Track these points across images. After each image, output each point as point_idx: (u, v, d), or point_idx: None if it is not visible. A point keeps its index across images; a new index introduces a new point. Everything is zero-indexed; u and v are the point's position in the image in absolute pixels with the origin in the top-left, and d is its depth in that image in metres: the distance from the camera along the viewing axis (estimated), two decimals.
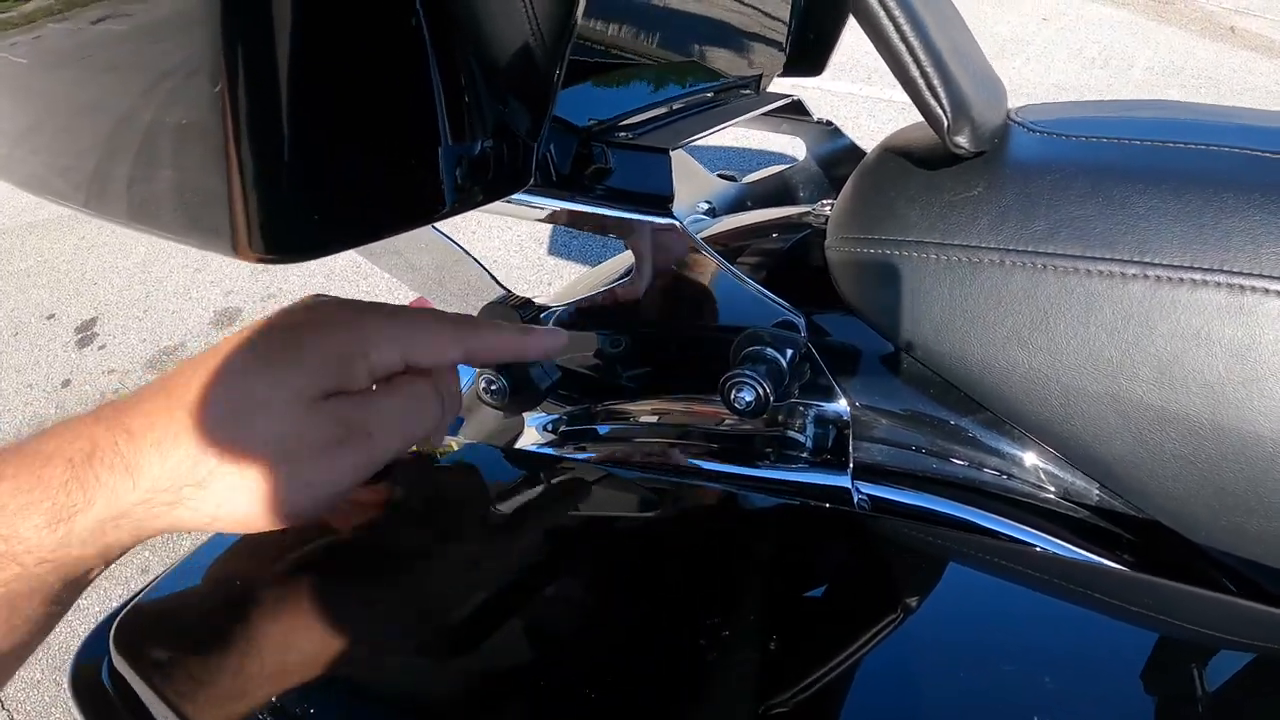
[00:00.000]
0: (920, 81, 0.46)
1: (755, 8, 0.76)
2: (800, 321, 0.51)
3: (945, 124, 0.46)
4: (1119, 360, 0.47)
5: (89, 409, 0.38)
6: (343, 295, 0.43)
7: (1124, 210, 0.47)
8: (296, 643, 0.39)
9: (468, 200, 0.40)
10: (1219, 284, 0.45)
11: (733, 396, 0.47)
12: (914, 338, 0.51)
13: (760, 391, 0.47)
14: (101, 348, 2.38)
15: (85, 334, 2.44)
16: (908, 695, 0.37)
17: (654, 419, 0.62)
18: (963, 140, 0.47)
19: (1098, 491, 0.54)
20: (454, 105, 0.37)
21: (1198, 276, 0.45)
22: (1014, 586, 0.44)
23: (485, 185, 0.40)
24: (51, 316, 2.53)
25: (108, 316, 2.50)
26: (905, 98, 0.49)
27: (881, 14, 0.44)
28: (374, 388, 0.40)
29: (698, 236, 0.53)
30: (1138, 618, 0.42)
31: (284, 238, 0.32)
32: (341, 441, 0.38)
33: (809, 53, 0.84)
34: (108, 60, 0.34)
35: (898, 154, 0.56)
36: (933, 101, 0.46)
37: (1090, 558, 0.51)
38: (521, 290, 0.65)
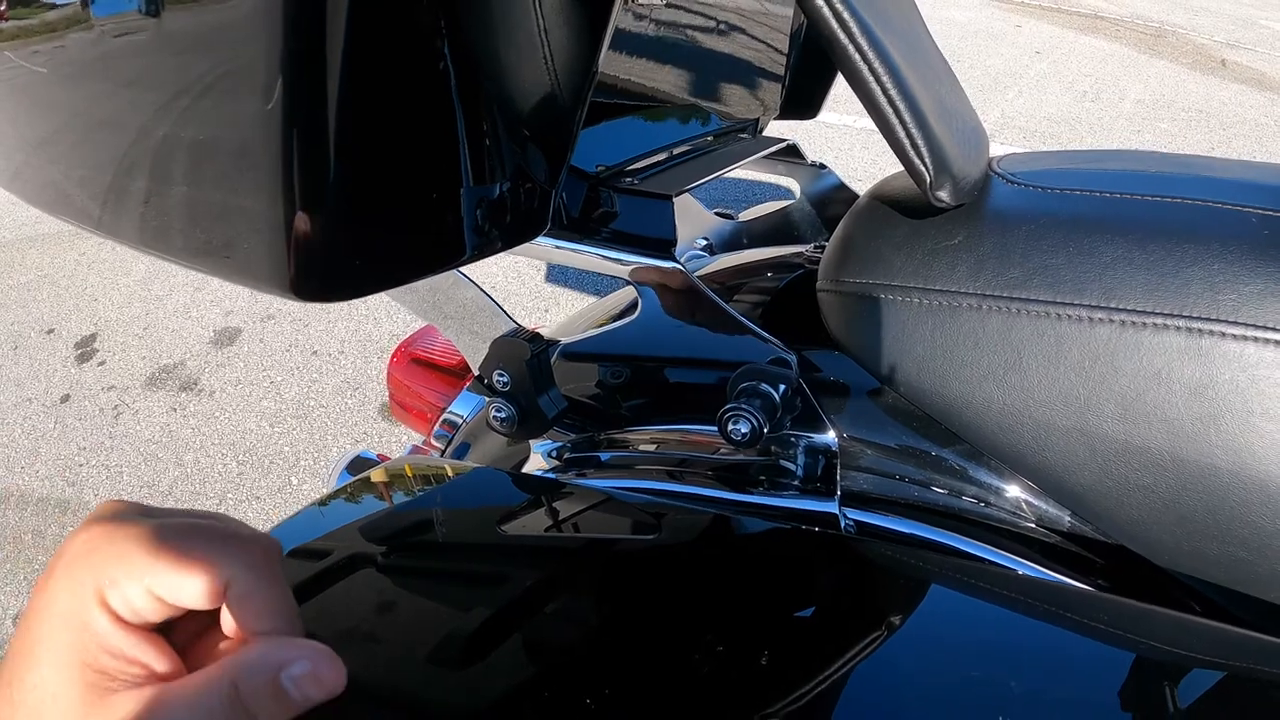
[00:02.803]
0: (905, 142, 0.50)
1: (755, 54, 0.80)
2: (792, 359, 0.54)
3: (928, 180, 0.51)
4: (1086, 397, 0.50)
5: None
6: (346, 316, 0.44)
7: (1092, 259, 0.51)
8: None
9: (488, 247, 0.43)
10: (1179, 328, 0.49)
11: (730, 429, 0.51)
12: (898, 374, 0.55)
13: (755, 424, 0.50)
14: (101, 364, 2.39)
15: (85, 350, 2.45)
16: (892, 714, 0.40)
17: (653, 447, 0.65)
18: (944, 195, 0.51)
19: (1069, 519, 0.57)
20: (478, 153, 0.40)
21: (1159, 320, 0.49)
22: (992, 607, 0.48)
23: (505, 231, 0.43)
24: (51, 331, 2.53)
25: (107, 333, 2.51)
26: None
27: (869, 78, 0.48)
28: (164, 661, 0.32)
29: (696, 276, 0.57)
30: (1109, 636, 0.45)
31: (326, 276, 0.35)
32: None
33: (804, 97, 0.89)
34: (130, 73, 0.36)
35: (885, 202, 0.60)
36: (916, 160, 0.50)
37: (1063, 579, 0.55)
38: (520, 318, 0.68)
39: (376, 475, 0.57)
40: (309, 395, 2.26)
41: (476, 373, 0.65)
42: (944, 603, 0.48)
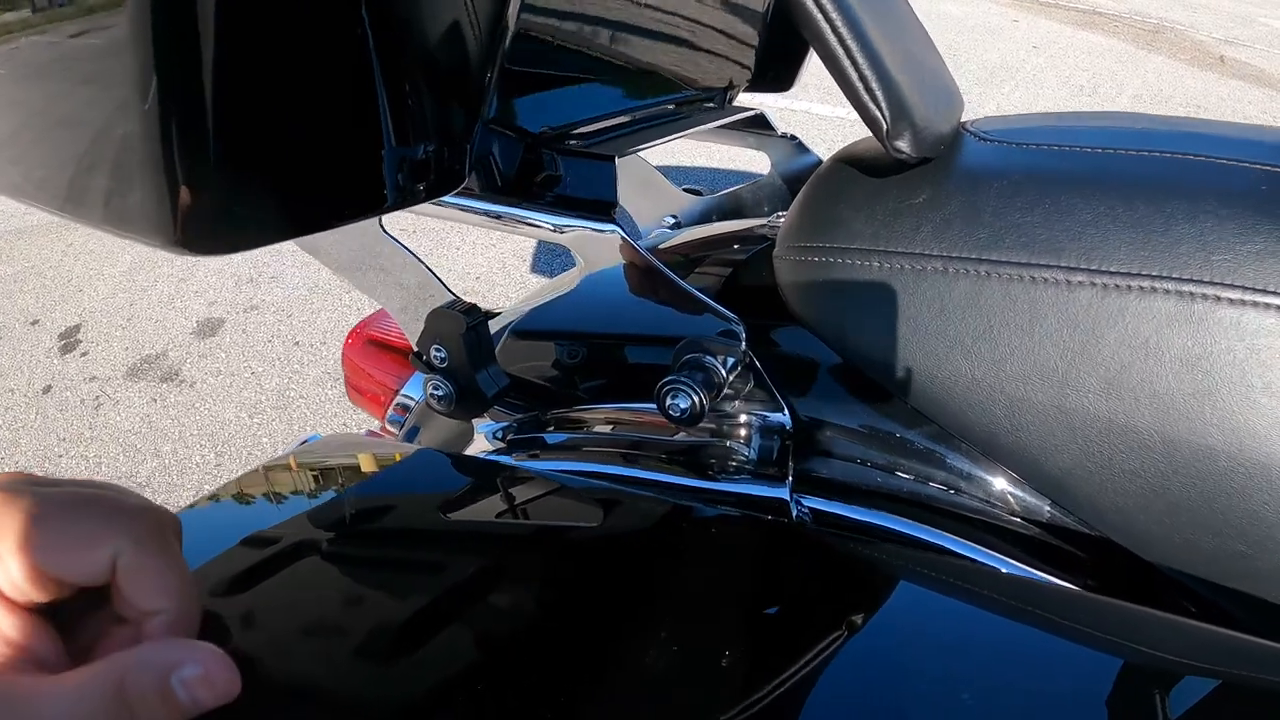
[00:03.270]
0: (858, 84, 0.45)
1: (723, 18, 0.75)
2: (740, 330, 0.49)
3: (884, 127, 0.46)
4: (1065, 370, 0.45)
5: None
6: (330, 306, 0.41)
7: (1070, 217, 0.46)
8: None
9: (401, 199, 0.39)
10: (1168, 291, 0.44)
11: (667, 403, 0.46)
12: (858, 348, 0.50)
13: (695, 399, 0.45)
14: (84, 355, 2.36)
15: (68, 340, 2.42)
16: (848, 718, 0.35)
17: (602, 427, 0.60)
18: (903, 145, 0.46)
19: (1049, 508, 0.52)
20: (389, 98, 0.36)
21: (1146, 284, 0.44)
22: (961, 605, 0.43)
23: (417, 185, 0.40)
24: (36, 322, 2.51)
25: (91, 323, 2.49)
26: None
27: (818, 16, 0.43)
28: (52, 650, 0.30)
29: (654, 248, 0.52)
30: (1092, 640, 0.40)
31: (210, 234, 0.31)
32: None
33: (778, 67, 0.84)
34: (82, 73, 0.33)
35: (848, 163, 0.55)
36: (870, 104, 0.45)
37: (1041, 576, 0.50)
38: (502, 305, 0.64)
39: (291, 460, 0.53)
40: (290, 386, 2.23)
41: (415, 348, 0.61)
42: (907, 600, 0.43)
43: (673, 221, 0.90)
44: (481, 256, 2.70)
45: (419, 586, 0.41)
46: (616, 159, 0.53)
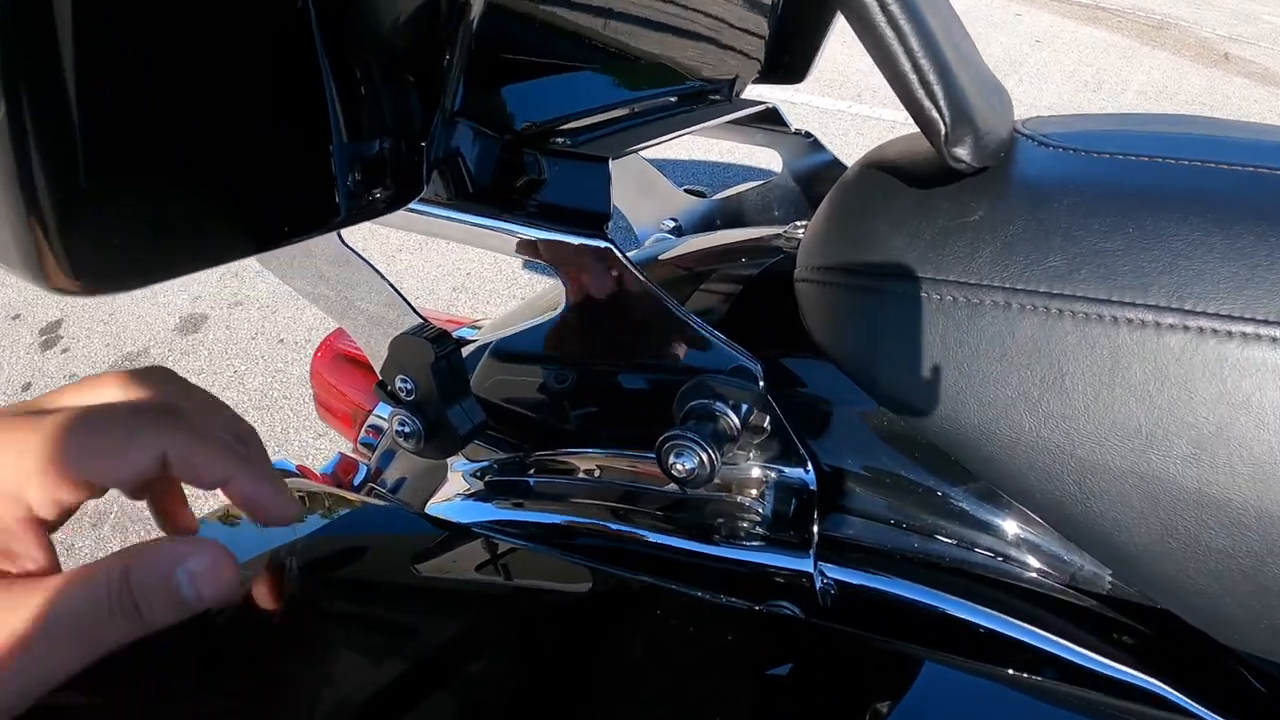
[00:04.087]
0: (913, 78, 0.37)
1: (733, 4, 0.67)
2: (757, 369, 0.41)
3: (943, 131, 0.38)
4: (1150, 430, 0.38)
5: None
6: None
7: (1160, 245, 0.39)
8: None
9: (355, 209, 0.32)
10: (1275, 340, 0.36)
11: (670, 462, 0.38)
12: (896, 392, 0.42)
13: (703, 457, 0.37)
14: (65, 351, 2.31)
15: (49, 336, 2.37)
16: None
17: (592, 474, 0.52)
18: (963, 152, 0.39)
19: (1109, 579, 0.45)
20: (333, 84, 0.29)
21: (1249, 330, 0.36)
22: (1005, 691, 0.35)
23: (370, 192, 0.33)
24: (17, 317, 2.45)
25: (73, 319, 2.43)
26: (899, 116, 0.40)
27: (871, 3, 0.35)
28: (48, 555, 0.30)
29: (641, 254, 0.44)
30: None
31: (96, 268, 0.25)
32: None
33: (790, 56, 0.76)
34: None
35: (883, 169, 0.47)
36: (928, 103, 0.37)
37: (1097, 660, 0.43)
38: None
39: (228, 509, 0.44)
40: (273, 385, 2.18)
41: (380, 377, 0.52)
42: (946, 689, 0.35)
43: (673, 225, 0.82)
44: (474, 252, 2.61)
45: (349, 674, 0.33)
46: (610, 161, 0.45)
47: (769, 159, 0.80)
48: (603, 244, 0.42)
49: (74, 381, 0.34)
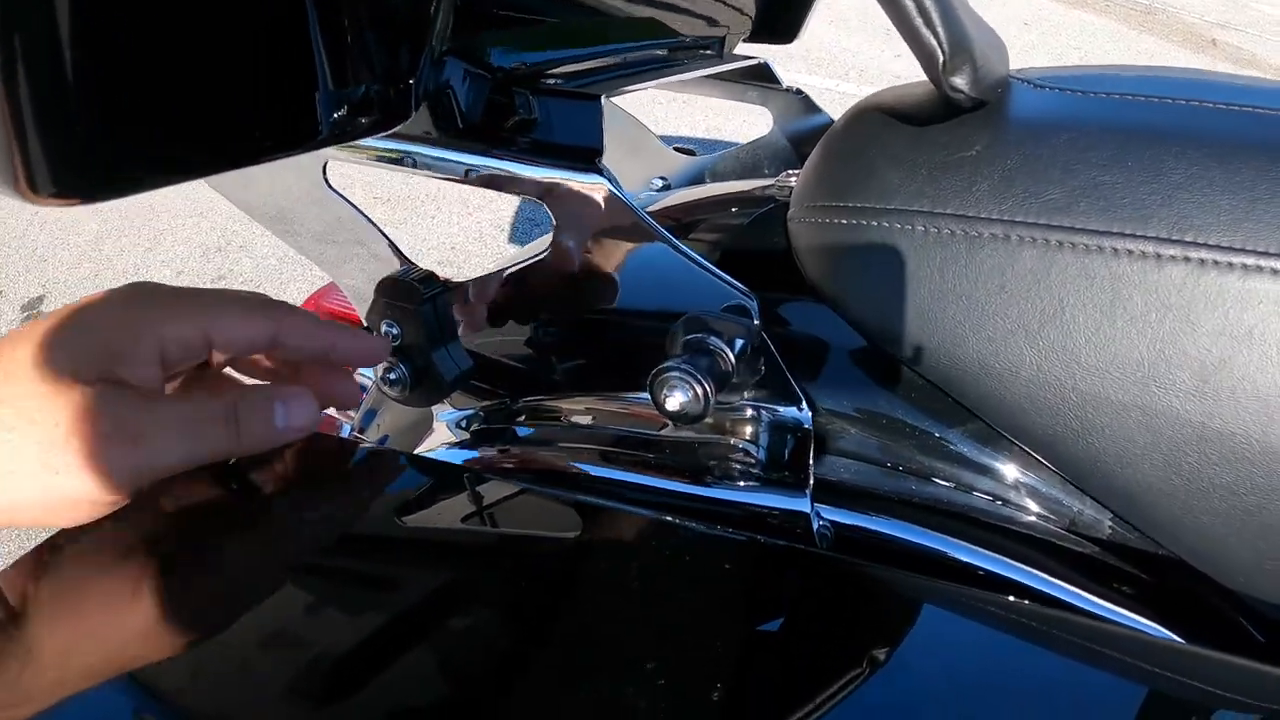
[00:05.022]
0: (911, 6, 0.36)
1: None
2: (753, 305, 0.40)
3: (941, 59, 0.37)
4: (1151, 363, 0.37)
5: None
6: (300, 277, 0.35)
7: (1159, 178, 0.38)
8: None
9: (339, 130, 0.31)
10: (1277, 271, 0.35)
11: (663, 396, 0.37)
12: (893, 329, 0.41)
13: (698, 391, 0.36)
14: None
15: (31, 313, 2.33)
16: None
17: (582, 419, 0.52)
18: (961, 81, 0.38)
19: (1110, 522, 0.44)
20: (311, 25, 0.29)
21: (1250, 261, 0.36)
22: (1001, 637, 0.34)
23: (357, 115, 0.32)
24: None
25: (55, 294, 2.40)
26: None
27: None
28: (165, 389, 0.36)
29: (636, 203, 0.43)
30: (1163, 686, 0.32)
31: (75, 175, 0.25)
32: (105, 437, 0.32)
33: (781, 14, 0.75)
34: None
35: (879, 110, 0.46)
36: (926, 31, 0.36)
37: (1098, 604, 0.42)
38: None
39: None
40: None
41: (364, 323, 0.51)
42: (940, 635, 0.34)
43: (662, 184, 0.80)
44: (458, 225, 2.59)
45: (353, 617, 0.33)
46: (603, 99, 0.44)
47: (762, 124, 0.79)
48: (596, 178, 0.40)
49: None
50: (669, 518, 0.35)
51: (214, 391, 0.37)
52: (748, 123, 3.16)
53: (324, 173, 0.50)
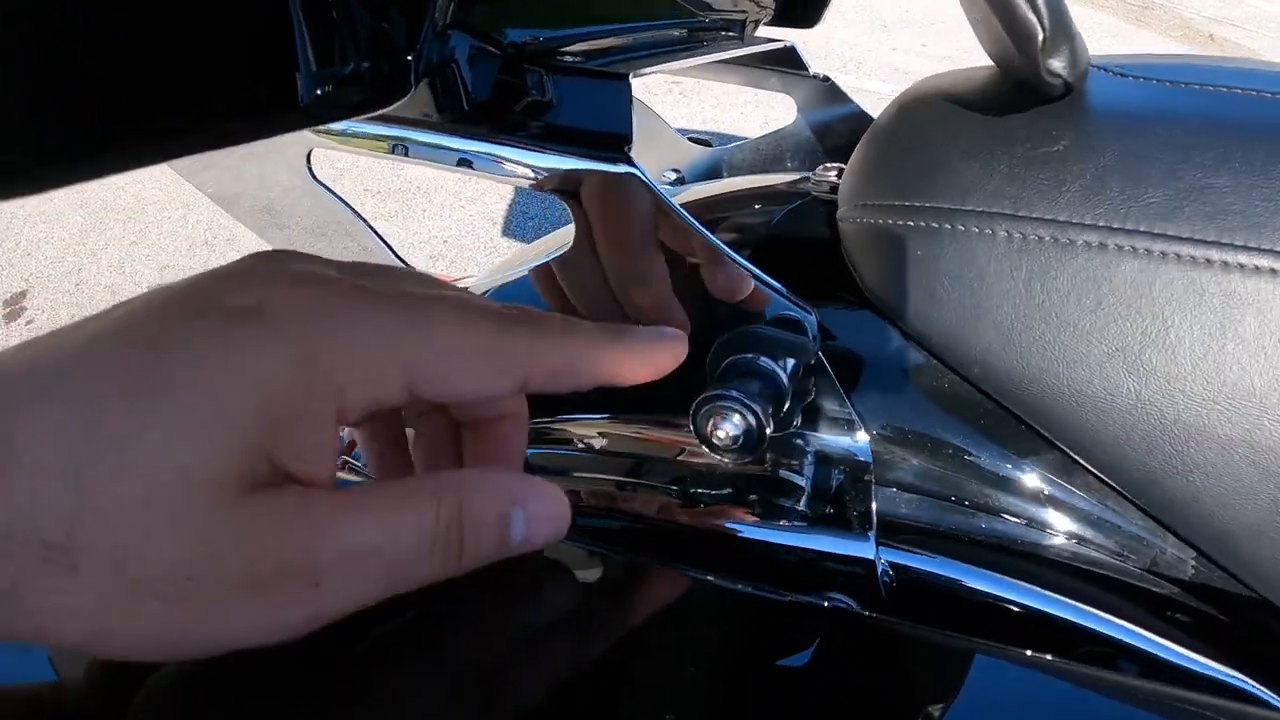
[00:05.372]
0: None
1: None
2: (811, 320, 0.35)
3: (1041, 37, 0.32)
4: (1264, 393, 0.32)
5: None
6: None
7: (1271, 182, 0.33)
8: None
9: (324, 106, 0.26)
10: None
11: (711, 428, 0.32)
12: (965, 347, 0.36)
13: (753, 420, 0.31)
14: (29, 323, 2.25)
15: (13, 308, 2.31)
16: None
17: (604, 442, 0.46)
18: (1058, 64, 0.33)
19: (1194, 562, 0.40)
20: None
21: None
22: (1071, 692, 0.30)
23: (345, 92, 0.27)
24: None
25: (38, 290, 2.38)
26: (886, 88, 0.34)
27: None
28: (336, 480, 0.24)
29: (674, 200, 0.37)
30: None
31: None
32: (260, 587, 0.21)
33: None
34: None
35: (940, 98, 0.41)
36: (1026, 7, 0.31)
37: (1183, 655, 0.37)
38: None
39: None
40: None
41: None
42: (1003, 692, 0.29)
43: (675, 176, 0.75)
44: (450, 219, 2.54)
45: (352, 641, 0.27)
46: (631, 78, 0.38)
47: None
48: (626, 168, 0.35)
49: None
50: (712, 577, 0.29)
51: (424, 483, 0.24)
52: (745, 114, 3.11)
53: (308, 162, 0.45)
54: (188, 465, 0.20)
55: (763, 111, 3.09)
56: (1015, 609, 0.37)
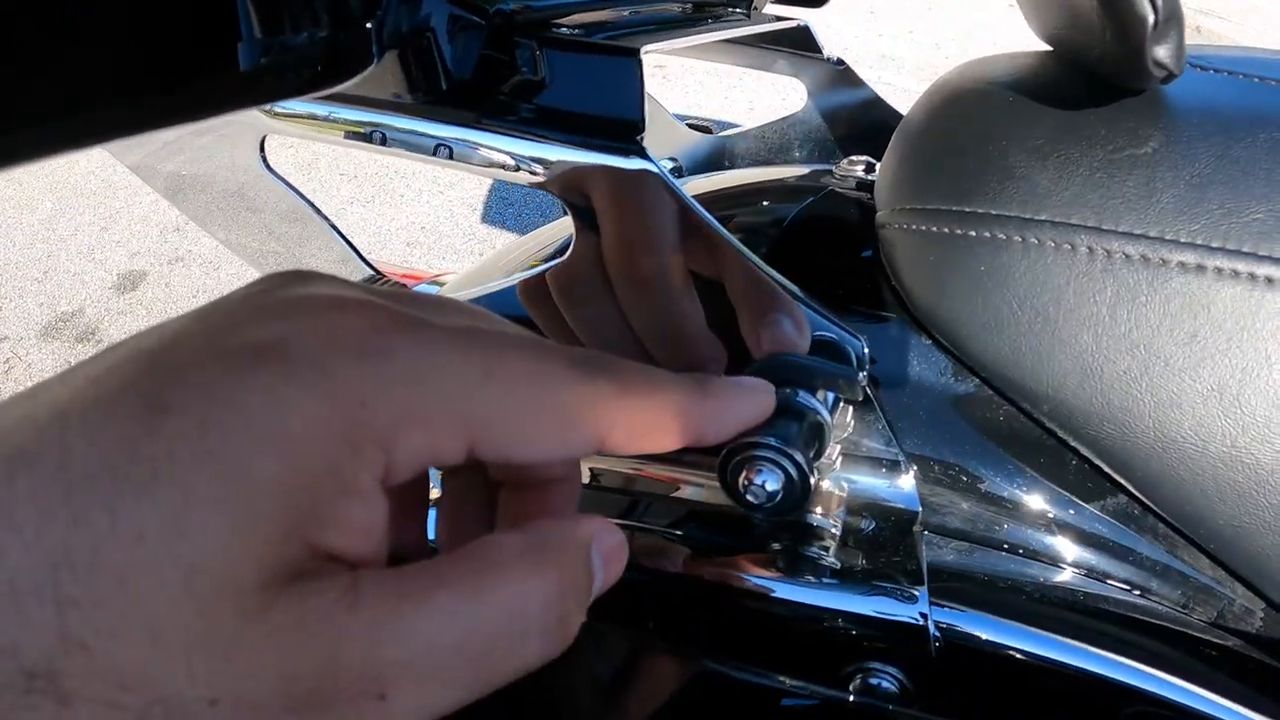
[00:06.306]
0: None
1: None
2: (862, 347, 0.30)
3: (1152, 21, 0.27)
4: None
5: None
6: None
7: None
8: None
9: (273, 84, 0.23)
10: None
11: (743, 482, 0.27)
12: (1035, 381, 0.32)
13: (794, 470, 0.26)
14: None
15: None
16: None
17: (621, 480, 0.41)
18: (1164, 54, 0.28)
19: (1262, 613, 0.35)
20: None
21: None
22: None
23: (287, 71, 0.24)
24: None
25: (6, 277, 2.33)
26: (875, 75, 0.29)
27: None
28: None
29: (696, 201, 0.32)
30: None
31: None
32: (308, 710, 0.17)
33: None
34: None
35: (995, 85, 0.36)
36: None
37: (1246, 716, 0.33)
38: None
39: None
40: None
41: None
42: None
43: (672, 165, 0.70)
44: (428, 203, 2.47)
45: None
46: (642, 53, 0.33)
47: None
48: (639, 162, 0.30)
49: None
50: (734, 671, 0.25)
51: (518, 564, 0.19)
52: (730, 99, 3.05)
53: (261, 148, 0.39)
54: (196, 564, 0.16)
55: (748, 97, 3.03)
56: (1071, 672, 0.32)
